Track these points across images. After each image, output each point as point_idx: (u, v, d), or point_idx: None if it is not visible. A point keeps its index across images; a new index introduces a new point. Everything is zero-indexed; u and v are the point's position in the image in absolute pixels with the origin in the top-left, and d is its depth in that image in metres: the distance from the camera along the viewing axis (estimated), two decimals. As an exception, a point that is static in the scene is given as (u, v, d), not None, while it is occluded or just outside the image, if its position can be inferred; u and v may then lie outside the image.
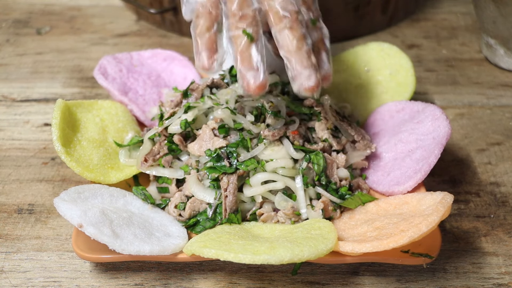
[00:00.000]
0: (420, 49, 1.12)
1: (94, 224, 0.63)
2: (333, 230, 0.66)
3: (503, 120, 0.94)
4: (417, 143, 0.76)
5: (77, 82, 1.02)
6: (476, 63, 1.07)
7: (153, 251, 0.64)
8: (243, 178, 0.72)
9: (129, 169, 0.77)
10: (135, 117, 0.86)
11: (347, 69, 0.92)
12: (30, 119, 0.94)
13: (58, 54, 1.10)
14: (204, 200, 0.72)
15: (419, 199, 0.69)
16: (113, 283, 0.69)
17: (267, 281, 0.69)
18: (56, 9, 1.24)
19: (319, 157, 0.73)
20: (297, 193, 0.72)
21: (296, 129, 0.75)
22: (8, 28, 1.17)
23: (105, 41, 1.14)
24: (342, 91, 0.91)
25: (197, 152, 0.74)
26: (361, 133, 0.79)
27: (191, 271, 0.70)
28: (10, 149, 0.88)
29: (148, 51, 0.95)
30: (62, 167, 0.85)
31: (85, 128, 0.78)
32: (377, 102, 0.87)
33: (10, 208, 0.79)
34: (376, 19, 1.15)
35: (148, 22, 1.19)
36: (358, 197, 0.74)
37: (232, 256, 0.59)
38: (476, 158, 0.87)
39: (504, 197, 0.80)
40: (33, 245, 0.73)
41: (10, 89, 1.01)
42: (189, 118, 0.75)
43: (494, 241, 0.74)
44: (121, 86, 0.86)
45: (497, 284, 0.69)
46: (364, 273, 0.70)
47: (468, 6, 1.24)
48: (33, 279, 0.69)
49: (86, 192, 0.69)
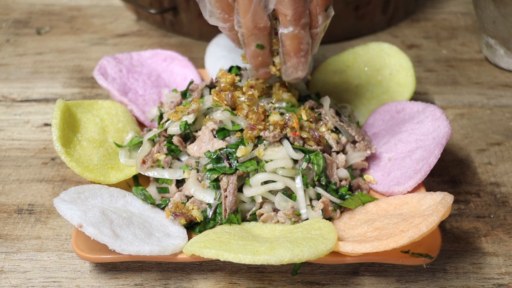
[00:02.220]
0: (420, 49, 1.12)
1: (94, 224, 0.63)
2: (333, 231, 0.66)
3: (503, 120, 0.94)
4: (417, 143, 0.76)
5: (77, 82, 1.02)
6: (476, 63, 1.07)
7: (153, 251, 0.64)
8: (243, 178, 0.72)
9: (129, 169, 0.77)
10: (135, 117, 0.86)
11: (347, 69, 0.92)
12: (30, 119, 0.94)
13: (58, 54, 1.10)
14: (204, 201, 0.72)
15: (419, 199, 0.69)
16: (113, 283, 0.69)
17: (267, 281, 0.69)
18: (56, 9, 1.24)
19: (319, 157, 0.73)
20: (297, 193, 0.72)
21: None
22: (8, 28, 1.17)
23: (105, 41, 1.14)
24: (342, 91, 0.91)
25: (197, 153, 0.74)
26: (361, 134, 0.79)
27: (191, 271, 0.70)
28: (10, 149, 0.88)
29: (148, 51, 0.95)
30: (62, 167, 0.85)
31: (85, 128, 0.78)
32: (377, 102, 0.87)
33: (10, 208, 0.79)
34: (376, 19, 1.15)
35: (148, 22, 1.19)
36: (358, 197, 0.74)
37: (232, 256, 0.59)
38: (476, 158, 0.87)
39: (504, 197, 0.80)
40: (33, 245, 0.73)
41: (10, 89, 1.01)
42: (189, 120, 0.75)
43: (494, 241, 0.74)
44: (121, 87, 0.86)
45: (497, 284, 0.69)
46: (364, 273, 0.70)
47: (468, 6, 1.24)
48: (33, 279, 0.69)
49: (86, 192, 0.69)
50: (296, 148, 0.73)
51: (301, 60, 0.72)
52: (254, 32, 0.69)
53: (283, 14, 0.68)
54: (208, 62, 0.97)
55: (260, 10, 0.67)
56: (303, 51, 0.71)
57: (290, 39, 0.69)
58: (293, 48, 0.70)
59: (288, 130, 0.73)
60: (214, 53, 0.98)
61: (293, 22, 0.68)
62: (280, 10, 0.67)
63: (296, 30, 0.69)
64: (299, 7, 0.67)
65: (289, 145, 0.73)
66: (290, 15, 0.67)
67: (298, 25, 0.68)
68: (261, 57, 0.72)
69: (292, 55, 0.71)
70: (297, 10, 0.67)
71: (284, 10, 0.67)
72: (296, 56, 0.71)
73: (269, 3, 0.67)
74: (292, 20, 0.68)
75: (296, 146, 0.73)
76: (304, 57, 0.71)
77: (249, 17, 0.68)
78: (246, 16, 0.68)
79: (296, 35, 0.69)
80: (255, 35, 0.69)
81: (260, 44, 0.70)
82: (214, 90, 0.78)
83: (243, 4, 0.67)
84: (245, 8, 0.67)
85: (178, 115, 0.76)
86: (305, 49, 0.71)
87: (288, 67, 0.72)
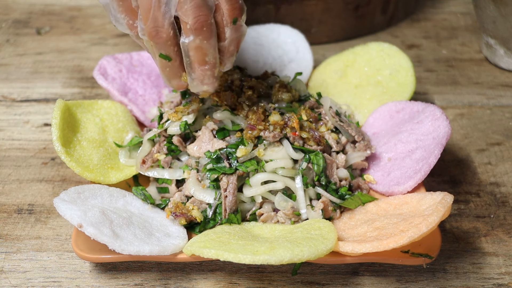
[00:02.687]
0: (420, 49, 1.12)
1: (94, 224, 0.63)
2: (333, 230, 0.66)
3: (503, 120, 0.94)
4: (417, 143, 0.76)
5: (77, 82, 1.02)
6: (476, 63, 1.07)
7: (153, 251, 0.64)
8: (243, 178, 0.72)
9: (129, 169, 0.77)
10: (135, 117, 0.86)
11: (347, 69, 0.92)
12: (30, 119, 0.94)
13: (58, 54, 1.10)
14: (204, 201, 0.72)
15: (419, 199, 0.69)
16: (113, 283, 0.69)
17: (267, 281, 0.69)
18: (56, 9, 1.24)
19: (318, 157, 0.73)
20: (297, 193, 0.72)
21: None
22: (8, 28, 1.17)
23: (105, 41, 1.14)
24: (342, 91, 0.91)
25: (197, 153, 0.74)
26: (361, 134, 0.79)
27: (191, 271, 0.70)
28: (10, 149, 0.88)
29: (148, 51, 0.95)
30: (62, 167, 0.85)
31: (85, 128, 0.78)
32: (377, 102, 0.87)
33: (10, 208, 0.79)
34: (376, 19, 1.15)
35: (148, 22, 1.19)
36: (358, 197, 0.74)
37: (232, 256, 0.59)
38: (476, 158, 0.87)
39: (504, 197, 0.80)
40: (33, 245, 0.73)
41: (10, 89, 1.01)
42: (189, 120, 0.75)
43: (494, 241, 0.74)
44: (121, 87, 0.86)
45: (497, 284, 0.69)
46: (364, 273, 0.70)
47: (468, 6, 1.24)
48: (32, 279, 0.69)
49: (86, 192, 0.69)
50: (296, 148, 0.73)
51: (206, 73, 0.67)
52: (156, 40, 0.64)
53: (184, 22, 0.63)
54: (208, 62, 0.97)
55: (160, 16, 0.63)
56: (208, 64, 0.66)
57: (193, 50, 0.65)
58: (197, 60, 0.66)
59: (288, 130, 0.73)
60: (214, 53, 0.98)
61: (193, 31, 0.63)
62: (181, 17, 0.63)
63: (197, 40, 0.64)
64: (201, 16, 0.62)
65: (289, 145, 0.73)
66: (191, 23, 0.63)
67: (199, 35, 0.63)
68: (169, 68, 0.68)
69: (196, 67, 0.66)
70: (199, 19, 0.62)
71: (184, 17, 0.63)
72: (200, 69, 0.67)
73: (170, 9, 0.63)
74: (193, 29, 0.63)
75: (296, 146, 0.74)
76: (210, 70, 0.67)
77: (149, 23, 0.63)
78: (147, 22, 0.63)
79: (198, 46, 0.64)
80: (158, 44, 0.65)
81: (164, 54, 0.66)
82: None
83: (143, 9, 0.63)
84: (145, 13, 0.63)
85: (178, 115, 0.76)
86: (210, 62, 0.66)
87: (194, 79, 0.68)
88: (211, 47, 0.65)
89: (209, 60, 0.66)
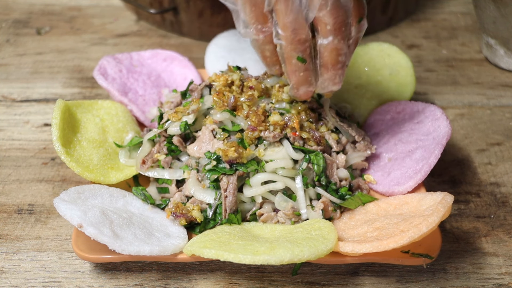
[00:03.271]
0: (420, 49, 1.12)
1: (94, 225, 0.63)
2: (333, 231, 0.66)
3: (503, 120, 0.94)
4: (417, 143, 0.76)
5: (77, 82, 1.02)
6: (476, 63, 1.07)
7: (153, 252, 0.64)
8: (243, 178, 0.72)
9: (129, 169, 0.77)
10: (135, 117, 0.86)
11: (347, 69, 0.92)
12: (30, 119, 0.94)
13: (58, 54, 1.10)
14: (204, 201, 0.72)
15: (419, 200, 0.69)
16: (113, 283, 0.69)
17: (267, 281, 0.69)
18: (56, 9, 1.24)
19: (319, 157, 0.73)
20: (297, 193, 0.72)
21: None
22: (8, 28, 1.17)
23: (105, 41, 1.14)
24: (342, 91, 0.90)
25: (197, 154, 0.74)
26: (361, 134, 0.79)
27: (191, 271, 0.70)
28: (10, 149, 0.88)
29: (148, 51, 0.95)
30: (62, 167, 0.85)
31: (85, 128, 0.78)
32: (377, 102, 0.87)
33: (10, 208, 0.79)
34: (376, 19, 1.15)
35: (148, 22, 1.19)
36: (358, 197, 0.74)
37: (232, 256, 0.59)
38: (476, 158, 0.87)
39: (504, 197, 0.80)
40: (33, 245, 0.73)
41: (10, 89, 1.01)
42: (189, 120, 0.75)
43: (494, 241, 0.74)
44: (121, 87, 0.86)
45: (497, 284, 0.69)
46: (364, 274, 0.70)
47: (468, 6, 1.24)
48: (32, 279, 0.69)
49: (86, 193, 0.69)
50: (296, 148, 0.73)
51: (338, 72, 0.69)
52: (295, 44, 0.66)
53: (323, 23, 0.65)
54: (208, 62, 0.97)
55: (301, 19, 0.64)
56: (340, 63, 0.68)
57: (329, 50, 0.67)
58: (331, 60, 0.67)
59: (288, 130, 0.73)
60: (214, 53, 0.98)
61: (333, 31, 0.65)
62: (321, 19, 0.64)
63: (336, 41, 0.66)
64: (340, 16, 0.64)
65: (289, 145, 0.73)
66: (331, 24, 0.64)
67: (338, 35, 0.65)
68: (302, 72, 0.68)
69: (329, 67, 0.68)
70: (338, 19, 0.64)
71: (324, 18, 0.64)
72: (333, 68, 0.68)
73: (309, 12, 0.64)
74: (333, 30, 0.65)
75: (296, 146, 0.73)
76: (341, 69, 0.69)
77: (289, 27, 0.64)
78: (286, 26, 0.65)
79: (335, 46, 0.66)
80: (296, 48, 0.66)
81: (301, 57, 0.67)
82: (214, 90, 0.78)
83: (283, 14, 0.64)
84: (285, 18, 0.64)
85: (178, 115, 0.76)
86: (342, 61, 0.68)
87: (325, 80, 0.69)
88: (345, 46, 0.67)
89: (342, 59, 0.68)
